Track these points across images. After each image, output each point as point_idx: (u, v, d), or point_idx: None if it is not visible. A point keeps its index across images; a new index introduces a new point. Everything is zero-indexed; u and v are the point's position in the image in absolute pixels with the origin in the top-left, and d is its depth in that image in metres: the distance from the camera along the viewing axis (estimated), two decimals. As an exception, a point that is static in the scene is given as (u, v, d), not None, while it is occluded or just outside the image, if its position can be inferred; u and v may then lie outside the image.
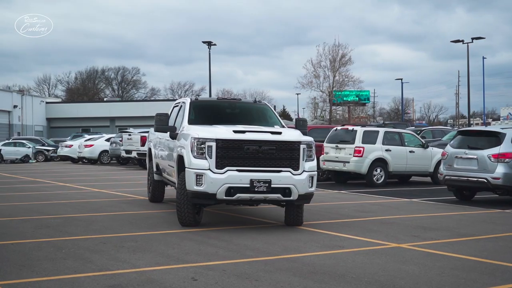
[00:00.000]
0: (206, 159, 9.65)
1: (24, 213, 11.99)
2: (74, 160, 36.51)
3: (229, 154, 9.69)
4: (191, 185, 9.70)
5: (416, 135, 21.42)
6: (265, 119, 11.98)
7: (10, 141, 44.50)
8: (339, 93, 65.95)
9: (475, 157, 14.37)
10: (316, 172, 10.32)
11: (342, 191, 17.45)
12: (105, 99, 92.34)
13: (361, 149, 19.04)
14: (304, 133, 11.00)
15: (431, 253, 8.32)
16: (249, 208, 12.55)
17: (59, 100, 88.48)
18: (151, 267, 7.17)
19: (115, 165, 33.35)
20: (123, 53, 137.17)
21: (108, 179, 22.56)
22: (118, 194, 16.15)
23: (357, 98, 70.71)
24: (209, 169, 9.61)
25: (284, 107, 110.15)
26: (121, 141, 30.52)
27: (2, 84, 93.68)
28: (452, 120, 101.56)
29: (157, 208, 12.82)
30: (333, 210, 12.92)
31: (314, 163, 10.30)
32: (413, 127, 34.27)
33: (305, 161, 10.05)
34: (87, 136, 38.89)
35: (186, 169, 9.86)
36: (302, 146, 10.01)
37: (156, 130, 12.00)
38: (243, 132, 9.92)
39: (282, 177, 9.80)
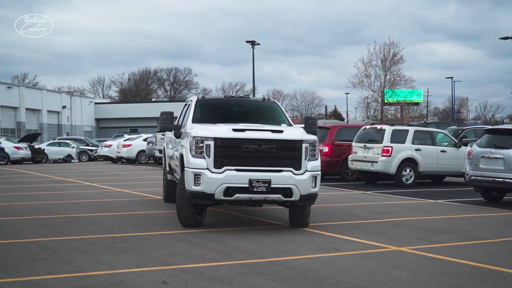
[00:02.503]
0: (205, 158, 9.41)
1: (33, 212, 12.00)
2: (113, 160, 36.86)
3: (228, 153, 9.42)
4: (189, 185, 9.49)
5: (449, 134, 20.67)
6: (274, 117, 11.69)
7: (56, 141, 45.36)
8: (391, 92, 65.02)
9: (501, 156, 13.68)
10: (320, 172, 9.94)
11: (367, 192, 16.94)
12: (153, 99, 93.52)
13: (389, 148, 18.48)
14: (313, 132, 10.66)
15: (429, 257, 7.86)
16: (258, 209, 12.29)
17: (108, 100, 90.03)
18: (128, 269, 6.98)
19: (151, 164, 33.45)
20: (177, 54, 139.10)
21: (137, 179, 22.59)
22: (137, 194, 16.09)
23: (410, 98, 69.64)
24: (207, 168, 9.37)
25: (335, 107, 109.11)
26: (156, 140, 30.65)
27: (57, 85, 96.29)
28: (508, 120, 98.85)
29: (168, 209, 12.65)
30: (349, 211, 12.50)
31: (318, 162, 9.91)
32: (455, 126, 33.25)
33: (308, 161, 9.68)
34: (127, 136, 39.28)
35: (184, 168, 9.66)
36: (304, 145, 9.65)
37: (160, 129, 11.85)
38: (243, 130, 9.64)
39: (282, 177, 9.47)
